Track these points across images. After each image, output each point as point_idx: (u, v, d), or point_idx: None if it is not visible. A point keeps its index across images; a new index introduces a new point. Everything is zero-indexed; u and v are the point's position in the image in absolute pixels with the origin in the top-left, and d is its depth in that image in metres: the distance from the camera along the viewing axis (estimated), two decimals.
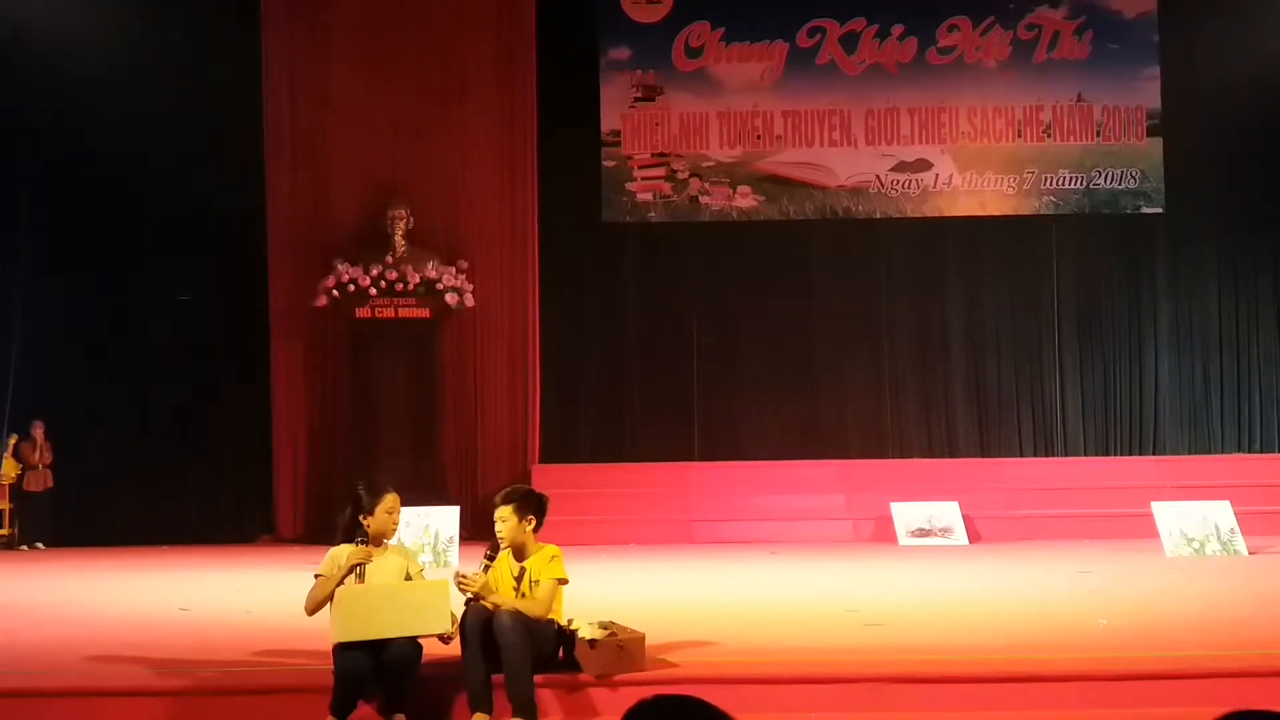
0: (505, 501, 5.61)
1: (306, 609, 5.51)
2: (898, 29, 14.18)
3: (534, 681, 5.30)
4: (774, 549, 11.63)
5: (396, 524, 5.61)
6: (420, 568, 5.74)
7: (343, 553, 5.55)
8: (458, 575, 5.42)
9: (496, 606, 5.38)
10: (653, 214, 14.22)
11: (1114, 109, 14.13)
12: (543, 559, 5.59)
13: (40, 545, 13.08)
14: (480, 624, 5.31)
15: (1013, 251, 14.26)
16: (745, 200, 14.17)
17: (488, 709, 5.25)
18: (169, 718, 5.49)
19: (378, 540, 5.56)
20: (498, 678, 5.29)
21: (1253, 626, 6.96)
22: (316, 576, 5.52)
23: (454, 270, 13.03)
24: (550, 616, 5.57)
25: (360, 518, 5.55)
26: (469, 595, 5.39)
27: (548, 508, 5.70)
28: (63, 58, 13.06)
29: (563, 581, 5.61)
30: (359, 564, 5.46)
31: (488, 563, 5.53)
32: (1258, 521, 11.46)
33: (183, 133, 13.24)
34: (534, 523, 5.62)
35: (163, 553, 12.21)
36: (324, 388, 13.55)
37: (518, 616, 5.34)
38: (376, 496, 5.55)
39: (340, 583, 5.40)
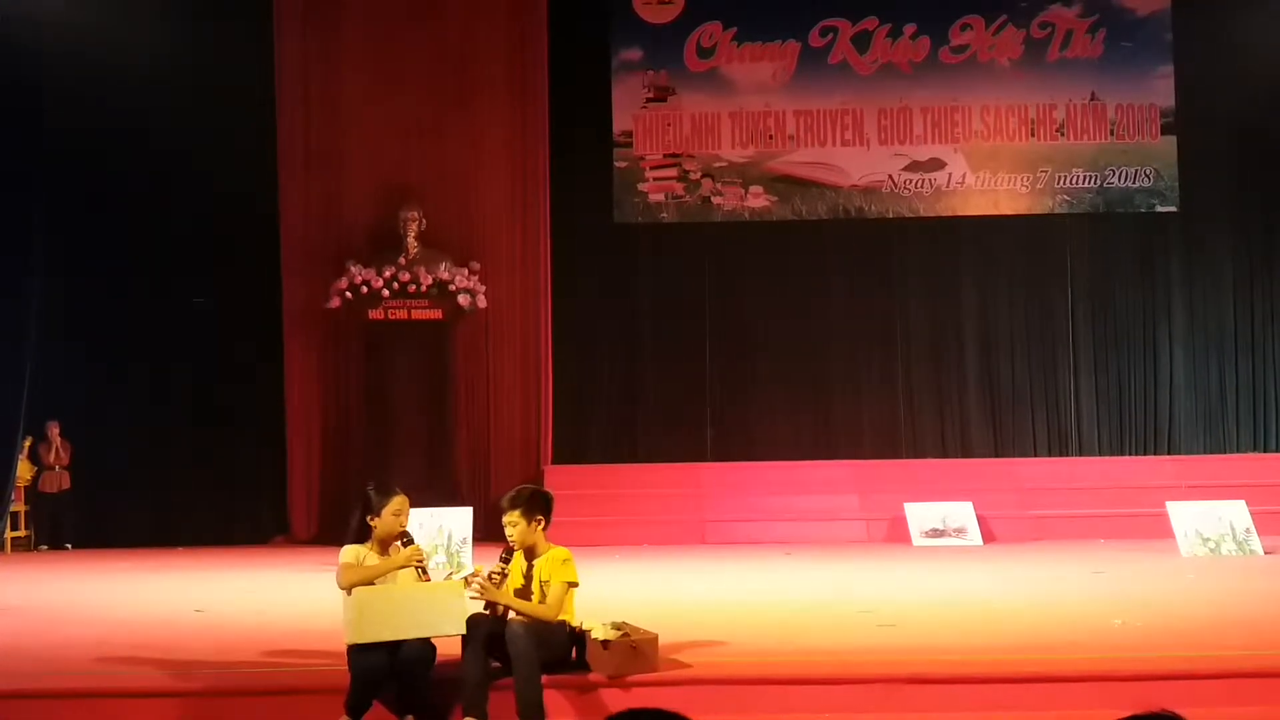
0: (512, 506, 5.59)
1: (344, 585, 5.40)
2: (910, 28, 14.14)
3: (542, 688, 5.28)
4: (787, 549, 11.60)
5: (404, 526, 5.61)
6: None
7: (361, 551, 5.55)
8: (487, 575, 5.40)
9: (507, 610, 5.40)
10: (665, 215, 14.21)
11: (1127, 107, 14.08)
12: (553, 561, 5.59)
13: (68, 546, 13.14)
14: (489, 628, 5.32)
15: (1026, 251, 14.20)
16: (757, 200, 14.15)
17: (480, 714, 5.22)
18: (183, 719, 5.51)
19: (384, 542, 5.55)
20: (496, 682, 5.29)
21: (1268, 626, 6.92)
22: (345, 565, 5.46)
23: (466, 272, 13.05)
24: (563, 618, 5.57)
25: (367, 518, 5.55)
26: (478, 596, 5.38)
27: (554, 505, 5.71)
28: (76, 60, 13.08)
29: (573, 585, 5.60)
30: (418, 564, 5.48)
31: (504, 565, 5.53)
32: (1273, 521, 11.38)
33: (195, 134, 13.26)
34: (543, 522, 5.63)
35: (177, 554, 12.25)
36: (337, 389, 13.58)
37: (530, 625, 5.34)
38: (384, 498, 5.55)
39: (368, 582, 5.40)
